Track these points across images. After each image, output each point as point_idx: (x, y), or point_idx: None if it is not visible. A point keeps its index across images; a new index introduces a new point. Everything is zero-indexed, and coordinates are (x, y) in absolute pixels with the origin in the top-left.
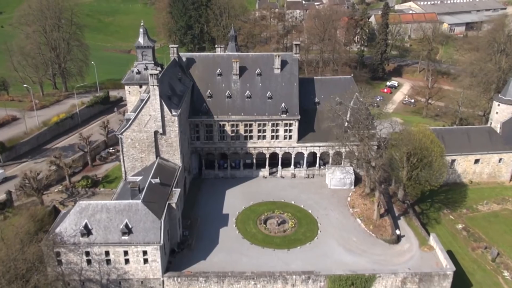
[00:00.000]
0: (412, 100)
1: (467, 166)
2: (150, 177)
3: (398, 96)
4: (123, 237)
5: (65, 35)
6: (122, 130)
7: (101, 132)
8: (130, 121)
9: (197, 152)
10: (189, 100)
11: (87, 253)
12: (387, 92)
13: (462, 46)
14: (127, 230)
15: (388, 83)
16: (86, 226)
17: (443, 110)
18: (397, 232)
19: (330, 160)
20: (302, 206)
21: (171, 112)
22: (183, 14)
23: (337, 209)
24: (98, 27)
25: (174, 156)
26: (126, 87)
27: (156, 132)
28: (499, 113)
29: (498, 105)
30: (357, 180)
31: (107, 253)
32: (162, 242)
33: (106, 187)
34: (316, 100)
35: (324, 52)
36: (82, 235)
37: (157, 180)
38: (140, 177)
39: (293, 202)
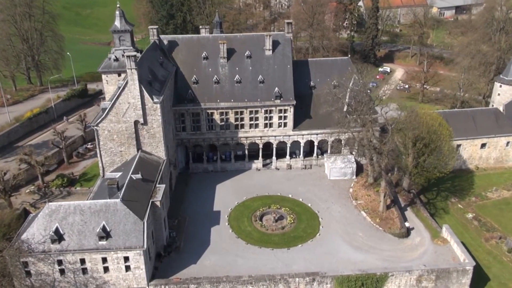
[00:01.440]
0: (407, 86)
1: (473, 151)
2: (130, 173)
3: (392, 82)
4: (100, 242)
5: (37, 25)
6: (98, 121)
7: (78, 127)
8: (107, 110)
9: (183, 144)
10: (172, 87)
11: (60, 262)
12: (379, 78)
13: (454, 30)
14: (105, 234)
15: (381, 69)
16: (57, 231)
17: (439, 94)
18: (406, 224)
19: (329, 148)
20: (300, 199)
21: (152, 99)
22: (164, 2)
23: (339, 202)
24: (76, 20)
25: (157, 148)
26: (103, 76)
27: (136, 122)
28: (501, 95)
29: (500, 86)
30: (358, 169)
31: (82, 261)
32: (145, 246)
33: (83, 186)
34: (312, 84)
35: (314, 37)
36: (53, 241)
37: (139, 176)
38: (120, 173)
39: (290, 196)
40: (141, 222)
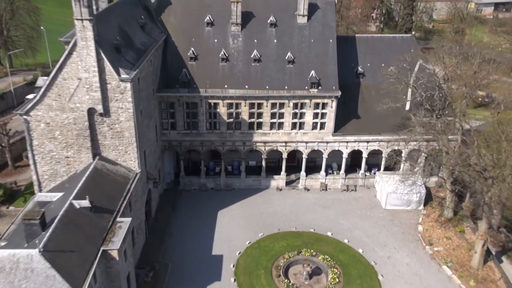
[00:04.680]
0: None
1: None
2: (72, 196)
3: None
4: None
5: None
6: (28, 107)
7: None
8: (42, 89)
9: (172, 149)
10: (159, 64)
11: None
12: None
13: (497, 29)
14: None
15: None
16: None
17: (487, 99)
18: None
19: (383, 163)
20: (345, 241)
21: (118, 74)
22: None
23: (405, 247)
24: (70, 2)
25: (126, 155)
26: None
27: (91, 111)
28: None
29: None
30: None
31: None
32: None
33: (28, 201)
34: (360, 69)
35: (340, 26)
36: None
37: (86, 203)
38: (61, 194)
39: (329, 234)
40: None
